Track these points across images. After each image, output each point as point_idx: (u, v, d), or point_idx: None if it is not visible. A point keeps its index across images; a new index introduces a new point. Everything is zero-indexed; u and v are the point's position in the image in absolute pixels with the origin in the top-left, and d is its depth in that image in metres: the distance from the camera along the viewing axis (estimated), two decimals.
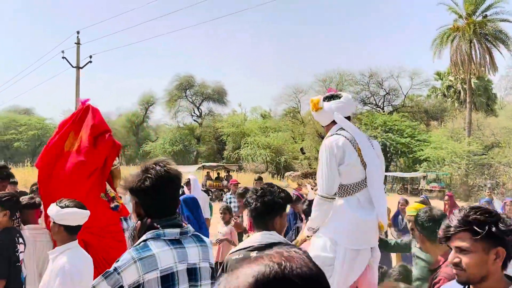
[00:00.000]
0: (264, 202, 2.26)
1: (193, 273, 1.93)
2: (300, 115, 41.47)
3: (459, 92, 44.81)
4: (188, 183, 6.79)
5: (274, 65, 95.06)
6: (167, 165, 1.97)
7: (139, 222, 1.95)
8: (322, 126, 3.30)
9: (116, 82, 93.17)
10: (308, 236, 3.14)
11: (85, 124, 3.47)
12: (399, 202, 8.13)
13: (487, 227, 1.63)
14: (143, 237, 1.89)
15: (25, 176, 18.19)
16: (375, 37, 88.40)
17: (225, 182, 23.06)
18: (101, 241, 3.21)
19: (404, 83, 41.80)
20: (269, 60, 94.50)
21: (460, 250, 1.67)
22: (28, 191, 9.55)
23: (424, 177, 29.20)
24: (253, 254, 2.16)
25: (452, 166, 27.96)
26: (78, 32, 22.86)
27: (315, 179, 3.36)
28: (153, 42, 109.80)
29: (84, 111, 3.54)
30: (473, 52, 30.55)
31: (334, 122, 3.12)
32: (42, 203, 3.47)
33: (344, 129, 3.05)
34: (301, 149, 38.73)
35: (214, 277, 2.03)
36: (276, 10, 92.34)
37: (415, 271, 3.30)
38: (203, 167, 25.89)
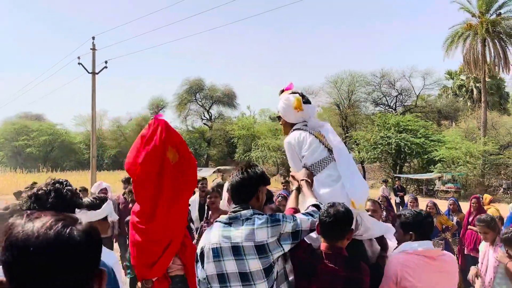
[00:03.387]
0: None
1: (237, 250, 2.31)
2: None
3: (471, 91, 44.36)
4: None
5: (283, 67, 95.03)
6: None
7: None
8: (283, 123, 3.38)
9: (127, 86, 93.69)
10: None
11: (174, 139, 3.71)
12: (427, 205, 7.99)
13: None
14: None
15: (42, 182, 18.13)
16: (386, 37, 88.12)
17: None
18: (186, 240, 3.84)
19: (416, 83, 41.50)
20: (279, 62, 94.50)
21: None
22: None
23: (440, 178, 28.79)
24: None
25: (467, 166, 27.55)
26: (93, 38, 22.64)
27: None
28: (164, 47, 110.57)
29: (166, 125, 3.74)
30: (486, 51, 30.18)
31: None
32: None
33: (303, 124, 3.26)
34: None
35: (265, 252, 2.30)
36: (286, 13, 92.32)
37: None
38: (218, 171, 25.86)
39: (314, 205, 2.65)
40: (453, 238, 7.95)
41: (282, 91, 3.39)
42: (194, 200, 7.00)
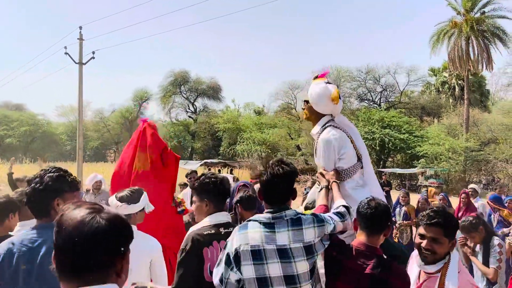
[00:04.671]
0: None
1: (284, 253, 2.22)
2: (296, 111, 41.31)
3: (454, 88, 45.00)
4: None
5: (269, 61, 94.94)
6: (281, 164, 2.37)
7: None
8: (309, 109, 3.28)
9: (111, 77, 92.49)
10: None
11: (149, 145, 3.76)
12: (418, 201, 8.35)
13: None
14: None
15: (23, 173, 17.75)
16: (372, 33, 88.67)
17: None
18: (170, 240, 3.73)
19: (401, 79, 41.87)
20: (264, 56, 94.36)
21: None
22: None
23: (423, 173, 29.22)
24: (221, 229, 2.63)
25: (450, 162, 28.00)
26: (80, 28, 22.08)
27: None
28: (151, 39, 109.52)
29: (144, 130, 3.82)
30: (470, 49, 30.62)
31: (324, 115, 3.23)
32: None
33: (333, 120, 3.21)
34: (297, 146, 38.66)
35: (312, 253, 2.28)
36: (272, 6, 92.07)
37: None
38: (205, 164, 25.85)
39: (344, 206, 2.64)
40: None
41: (317, 76, 3.27)
42: (187, 193, 7.05)
